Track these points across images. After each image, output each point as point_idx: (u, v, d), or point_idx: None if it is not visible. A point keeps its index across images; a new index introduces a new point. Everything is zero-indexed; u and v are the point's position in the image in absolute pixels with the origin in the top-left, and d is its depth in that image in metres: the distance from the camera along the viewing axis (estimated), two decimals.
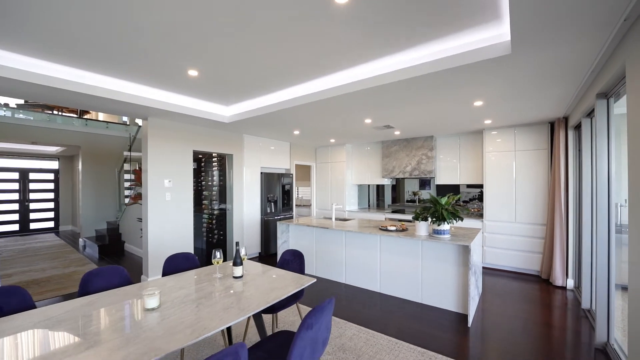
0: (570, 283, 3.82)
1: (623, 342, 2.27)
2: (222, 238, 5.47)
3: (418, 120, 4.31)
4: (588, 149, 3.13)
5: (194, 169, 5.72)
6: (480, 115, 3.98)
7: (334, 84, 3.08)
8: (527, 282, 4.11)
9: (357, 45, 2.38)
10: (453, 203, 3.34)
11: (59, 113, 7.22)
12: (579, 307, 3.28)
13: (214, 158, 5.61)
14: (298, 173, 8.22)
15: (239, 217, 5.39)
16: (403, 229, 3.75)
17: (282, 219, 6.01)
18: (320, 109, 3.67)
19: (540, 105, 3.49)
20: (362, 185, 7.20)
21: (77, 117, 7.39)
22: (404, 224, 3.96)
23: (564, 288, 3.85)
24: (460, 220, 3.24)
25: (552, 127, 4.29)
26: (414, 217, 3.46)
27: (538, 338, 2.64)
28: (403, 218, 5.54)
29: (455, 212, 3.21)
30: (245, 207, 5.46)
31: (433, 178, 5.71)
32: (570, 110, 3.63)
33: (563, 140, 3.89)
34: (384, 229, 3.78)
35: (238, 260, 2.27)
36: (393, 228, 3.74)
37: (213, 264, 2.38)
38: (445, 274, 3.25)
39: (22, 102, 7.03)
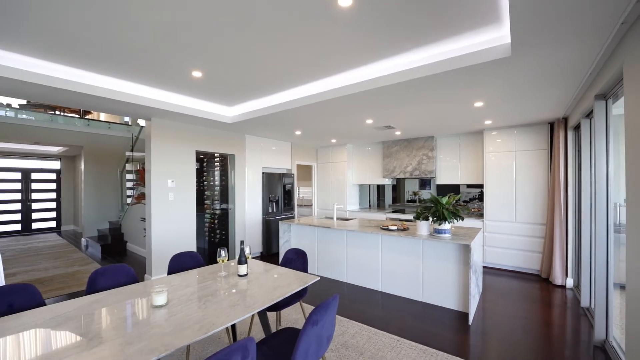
0: (570, 282, 3.86)
1: (621, 339, 2.31)
2: (224, 238, 5.50)
3: (419, 121, 4.35)
4: (587, 150, 3.16)
5: (197, 169, 5.75)
6: (481, 116, 4.02)
7: (336, 85, 3.11)
8: (527, 281, 4.15)
9: (358, 48, 2.41)
10: (454, 203, 3.37)
11: (61, 113, 7.25)
12: (578, 305, 3.32)
13: (216, 158, 5.65)
14: (299, 173, 8.26)
15: (241, 216, 5.42)
16: (404, 229, 3.78)
17: (283, 219, 6.04)
18: (322, 110, 3.71)
19: (540, 106, 3.52)
20: (362, 185, 7.24)
21: (79, 117, 7.43)
22: (405, 224, 3.99)
23: (564, 287, 3.89)
24: (461, 220, 3.27)
25: (551, 127, 4.33)
26: (415, 216, 3.49)
27: (538, 336, 2.68)
28: (404, 218, 5.58)
29: (456, 211, 3.24)
30: (247, 207, 5.49)
31: (433, 178, 5.75)
32: (570, 111, 3.67)
33: (563, 141, 3.92)
34: (386, 229, 3.81)
35: (243, 259, 2.31)
36: (394, 227, 3.77)
37: (218, 262, 2.42)
38: (446, 273, 3.29)
39: (24, 102, 7.07)
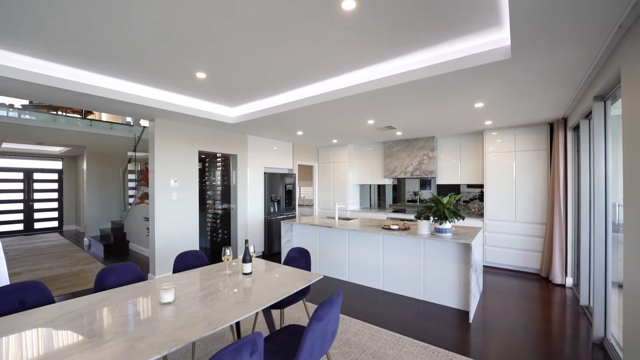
0: (569, 281, 3.90)
1: (619, 336, 2.35)
2: (226, 237, 5.54)
3: (420, 121, 4.39)
4: (586, 150, 3.20)
5: (199, 169, 5.79)
6: (481, 117, 4.06)
7: (337, 87, 3.15)
8: (527, 280, 4.19)
9: (360, 50, 2.45)
10: (454, 202, 3.41)
11: (63, 114, 7.30)
12: (578, 304, 3.36)
13: (218, 158, 5.69)
14: (300, 173, 8.30)
15: (243, 216, 5.46)
16: (405, 228, 3.82)
17: (285, 219, 6.09)
18: (324, 111, 3.75)
19: (540, 107, 3.56)
20: (363, 185, 7.28)
21: (80, 117, 7.47)
22: (406, 223, 4.03)
23: (563, 286, 3.93)
24: (462, 219, 3.31)
25: (551, 128, 4.37)
26: (417, 215, 3.53)
27: (537, 334, 2.72)
28: (404, 217, 5.63)
29: (457, 210, 3.28)
30: (249, 206, 5.53)
31: (434, 178, 5.79)
32: (569, 112, 3.71)
33: (562, 141, 3.96)
34: (387, 228, 3.85)
35: (247, 258, 2.34)
36: (395, 227, 3.81)
37: (222, 261, 2.46)
38: (447, 272, 3.33)
39: (27, 103, 7.11)
